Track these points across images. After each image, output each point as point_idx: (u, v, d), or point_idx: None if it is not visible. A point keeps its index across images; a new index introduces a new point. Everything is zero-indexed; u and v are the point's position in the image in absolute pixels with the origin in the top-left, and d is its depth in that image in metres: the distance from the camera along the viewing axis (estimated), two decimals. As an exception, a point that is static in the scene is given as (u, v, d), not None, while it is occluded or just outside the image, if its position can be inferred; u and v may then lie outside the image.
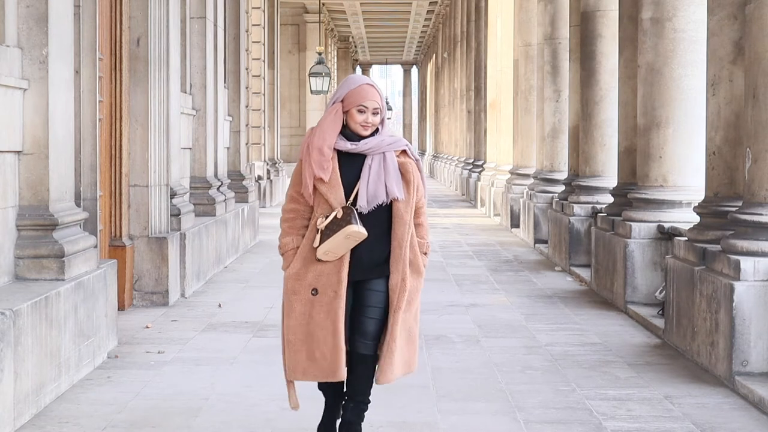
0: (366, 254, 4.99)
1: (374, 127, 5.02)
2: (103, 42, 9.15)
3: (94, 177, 8.48)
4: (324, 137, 4.97)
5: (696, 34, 9.34)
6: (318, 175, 4.94)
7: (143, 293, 9.84)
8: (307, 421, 5.87)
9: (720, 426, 5.89)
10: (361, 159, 5.01)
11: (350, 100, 4.99)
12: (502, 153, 21.76)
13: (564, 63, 14.94)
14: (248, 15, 20.07)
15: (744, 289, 6.69)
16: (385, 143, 5.01)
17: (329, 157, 4.95)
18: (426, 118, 61.83)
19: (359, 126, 4.98)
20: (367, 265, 5.01)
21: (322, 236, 4.94)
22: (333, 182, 4.96)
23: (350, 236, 4.90)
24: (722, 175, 7.72)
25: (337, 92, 5.06)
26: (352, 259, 4.98)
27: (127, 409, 6.15)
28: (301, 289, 5.00)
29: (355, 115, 4.98)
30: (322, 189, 4.97)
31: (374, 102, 4.99)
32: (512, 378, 6.96)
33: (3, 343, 5.44)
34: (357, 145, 4.99)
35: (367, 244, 4.96)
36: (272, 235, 17.42)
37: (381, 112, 5.02)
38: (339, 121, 5.00)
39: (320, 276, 4.97)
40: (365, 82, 5.03)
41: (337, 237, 4.90)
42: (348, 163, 5.00)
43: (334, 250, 4.94)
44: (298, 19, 40.56)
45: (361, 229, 4.90)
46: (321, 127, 5.01)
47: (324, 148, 4.95)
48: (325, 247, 4.93)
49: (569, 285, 11.59)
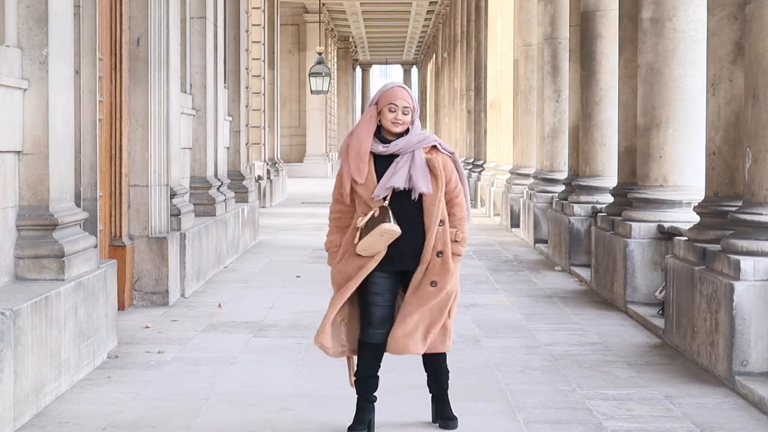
0: (407, 247, 5.44)
1: (405, 125, 5.46)
2: (103, 42, 9.15)
3: (94, 177, 8.48)
4: (361, 139, 5.44)
5: (696, 34, 9.34)
6: (354, 177, 5.43)
7: (143, 293, 9.84)
8: (307, 422, 5.88)
9: (720, 426, 5.90)
10: (394, 160, 5.46)
11: (382, 101, 5.47)
12: (502, 153, 21.75)
13: (564, 63, 14.93)
14: (248, 15, 20.07)
15: (744, 289, 6.69)
16: (413, 142, 5.46)
17: (366, 158, 5.43)
18: (426, 117, 61.84)
19: (390, 123, 5.45)
20: (409, 256, 5.47)
21: (361, 234, 5.41)
22: (369, 183, 5.43)
23: (384, 233, 5.36)
24: (722, 175, 7.72)
25: (372, 97, 5.55)
26: (396, 252, 5.44)
27: (127, 409, 6.16)
28: (342, 281, 5.50)
29: (386, 114, 5.45)
30: (359, 190, 5.45)
31: (404, 101, 5.45)
32: (512, 378, 6.97)
33: (3, 343, 5.44)
34: (388, 147, 5.45)
35: (407, 238, 5.42)
36: (272, 235, 17.43)
37: (412, 112, 5.47)
38: (374, 122, 5.48)
39: (359, 269, 5.44)
40: (397, 85, 5.54)
41: (373, 234, 5.37)
42: (382, 165, 5.46)
43: (372, 246, 5.40)
44: (298, 19, 40.59)
45: (394, 227, 5.36)
46: (358, 130, 5.49)
47: (361, 149, 5.43)
48: (363, 243, 5.40)
49: (569, 285, 11.59)
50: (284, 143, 38.77)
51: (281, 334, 8.52)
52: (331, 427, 5.78)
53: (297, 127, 41.33)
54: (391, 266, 5.50)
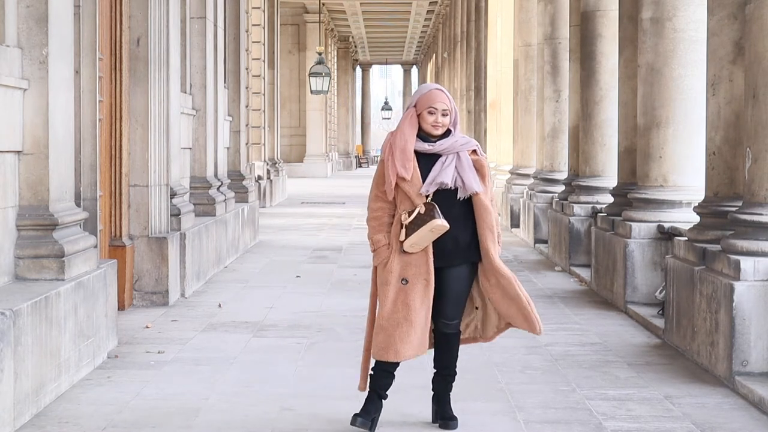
0: (449, 243, 5.56)
1: (445, 127, 5.60)
2: (103, 42, 9.15)
3: (94, 177, 8.48)
4: (405, 138, 5.55)
5: (696, 34, 9.34)
6: (401, 174, 5.50)
7: (143, 293, 9.84)
8: (307, 422, 5.88)
9: (720, 426, 5.90)
10: (436, 159, 5.57)
11: (421, 104, 5.59)
12: (502, 153, 21.76)
13: (564, 63, 14.94)
14: (248, 15, 20.07)
15: (744, 289, 6.69)
16: (458, 144, 5.59)
17: (411, 156, 5.53)
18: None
19: (430, 126, 5.57)
20: (450, 253, 5.58)
21: (407, 230, 5.50)
22: (414, 180, 5.53)
23: (434, 230, 5.46)
24: (722, 175, 7.72)
25: (410, 99, 5.65)
26: (436, 249, 5.55)
27: (127, 409, 6.15)
28: (391, 279, 5.55)
29: (426, 117, 5.57)
30: (405, 187, 5.54)
31: (443, 104, 5.56)
32: (512, 378, 6.97)
33: (3, 343, 5.44)
34: (434, 146, 5.57)
35: (450, 235, 5.53)
36: (272, 235, 17.42)
37: (451, 114, 5.60)
38: (415, 124, 5.58)
39: (407, 266, 5.55)
40: (434, 87, 5.63)
41: (422, 231, 5.46)
42: (425, 163, 5.56)
43: (419, 243, 5.50)
44: (298, 19, 40.58)
45: (444, 223, 5.46)
46: (401, 130, 5.58)
47: (407, 147, 5.52)
48: (411, 240, 5.49)
49: (569, 285, 11.59)
50: (284, 143, 38.77)
51: (281, 334, 8.52)
52: (331, 427, 5.78)
53: (297, 127, 41.33)
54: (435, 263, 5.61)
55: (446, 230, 5.48)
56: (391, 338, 5.52)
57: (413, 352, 5.57)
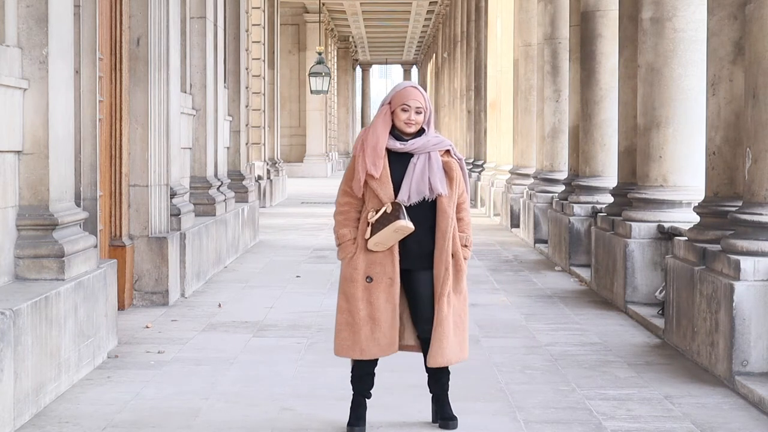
0: (414, 246, 5.53)
1: (418, 125, 5.54)
2: (103, 42, 9.15)
3: (94, 177, 8.48)
4: (377, 135, 5.50)
5: (696, 34, 9.34)
6: (370, 171, 5.46)
7: (143, 293, 9.84)
8: (307, 422, 5.88)
9: (720, 426, 5.90)
10: (408, 158, 5.53)
11: (396, 101, 5.53)
12: (502, 153, 21.75)
13: (564, 63, 14.93)
14: (248, 15, 20.07)
15: (744, 289, 6.69)
16: (430, 143, 5.54)
17: (382, 154, 5.48)
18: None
19: (403, 123, 5.51)
20: (415, 256, 5.55)
21: (372, 229, 5.48)
22: (383, 179, 5.49)
23: (398, 230, 5.44)
24: (722, 175, 7.72)
25: (386, 97, 5.60)
26: (402, 250, 5.52)
27: (127, 409, 6.16)
28: (357, 277, 5.52)
29: (399, 114, 5.51)
30: (373, 185, 5.49)
31: (416, 101, 5.51)
32: (512, 378, 6.97)
33: (3, 343, 5.44)
34: (405, 145, 5.52)
35: (414, 237, 5.50)
36: (272, 235, 17.42)
37: (425, 112, 5.53)
38: (388, 121, 5.53)
39: (372, 265, 5.52)
40: (409, 84, 5.59)
41: (386, 230, 5.44)
42: (396, 162, 5.52)
43: (384, 242, 5.48)
44: (298, 19, 40.58)
45: (408, 224, 5.43)
46: (374, 127, 5.53)
47: (378, 145, 5.48)
48: (375, 239, 5.47)
49: (569, 285, 11.59)
50: (284, 143, 38.76)
51: (281, 334, 8.52)
52: (331, 427, 5.78)
53: (297, 127, 41.33)
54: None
55: (411, 232, 5.44)
56: (356, 336, 5.51)
57: (380, 351, 5.54)
